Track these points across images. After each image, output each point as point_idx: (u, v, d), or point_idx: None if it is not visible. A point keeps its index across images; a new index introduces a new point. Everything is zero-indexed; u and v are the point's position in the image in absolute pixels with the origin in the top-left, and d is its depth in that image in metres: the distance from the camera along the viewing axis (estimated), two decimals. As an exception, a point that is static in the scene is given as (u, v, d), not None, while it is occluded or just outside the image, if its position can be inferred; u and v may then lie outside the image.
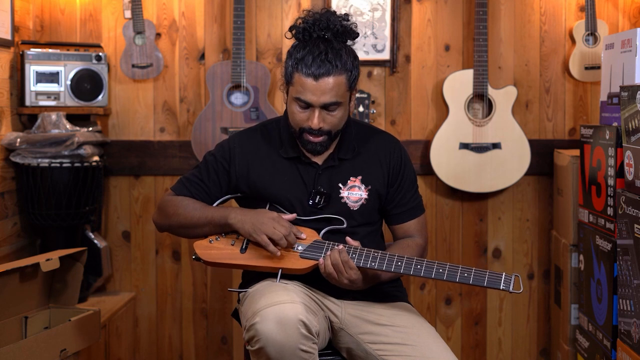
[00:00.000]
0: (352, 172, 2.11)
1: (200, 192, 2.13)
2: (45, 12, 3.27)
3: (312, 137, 2.02)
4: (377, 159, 2.14)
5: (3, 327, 2.38)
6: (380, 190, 2.13)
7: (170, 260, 3.35)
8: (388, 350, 1.97)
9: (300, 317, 1.81)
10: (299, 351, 1.80)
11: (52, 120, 2.99)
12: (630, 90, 2.21)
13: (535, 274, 3.36)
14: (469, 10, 3.28)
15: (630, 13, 3.29)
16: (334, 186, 2.09)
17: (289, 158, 2.10)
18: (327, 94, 1.97)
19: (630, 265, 2.17)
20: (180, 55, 3.30)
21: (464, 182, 3.19)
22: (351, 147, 2.12)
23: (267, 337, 1.79)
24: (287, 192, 2.07)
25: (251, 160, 2.11)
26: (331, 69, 1.96)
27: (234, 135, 2.18)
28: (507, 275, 1.89)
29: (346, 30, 2.04)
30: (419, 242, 2.17)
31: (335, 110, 2.01)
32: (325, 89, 1.97)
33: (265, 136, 2.15)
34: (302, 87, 1.98)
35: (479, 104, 3.21)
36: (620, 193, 2.27)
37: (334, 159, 2.10)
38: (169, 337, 3.37)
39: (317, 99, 1.97)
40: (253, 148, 2.13)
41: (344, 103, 2.02)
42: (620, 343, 2.27)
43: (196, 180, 2.14)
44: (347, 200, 2.09)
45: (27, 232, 3.10)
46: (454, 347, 3.29)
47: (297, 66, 1.99)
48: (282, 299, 1.84)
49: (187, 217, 2.08)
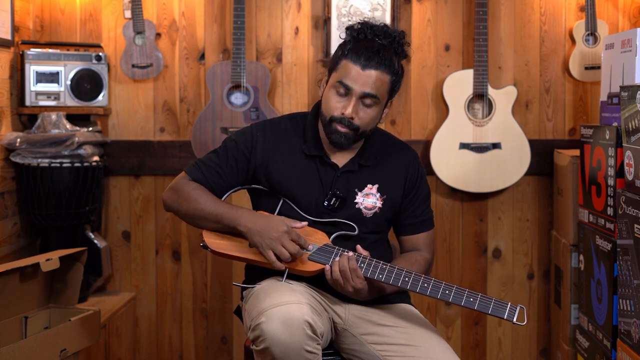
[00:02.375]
0: (370, 179, 2.10)
1: (215, 178, 2.09)
2: (45, 12, 3.27)
3: (341, 127, 2.01)
4: (397, 170, 2.13)
5: (3, 327, 2.38)
6: (395, 201, 2.12)
7: (170, 260, 3.35)
8: (392, 350, 1.97)
9: (306, 317, 1.80)
10: (304, 352, 1.80)
11: (52, 120, 2.99)
12: (630, 90, 2.21)
13: (535, 274, 3.36)
14: (469, 10, 3.28)
15: (630, 13, 3.29)
16: (351, 191, 2.08)
17: (310, 156, 2.09)
18: (369, 85, 1.99)
19: (630, 265, 2.17)
20: (180, 55, 3.30)
21: (464, 182, 3.19)
22: (373, 154, 2.12)
23: (272, 337, 1.79)
24: (303, 190, 2.07)
25: (272, 151, 2.09)
26: (380, 64, 1.99)
27: (257, 124, 2.16)
28: (512, 306, 1.88)
29: (399, 43, 2.06)
30: (427, 257, 2.16)
31: (371, 107, 2.02)
32: (368, 80, 1.99)
33: (289, 129, 2.13)
34: (346, 72, 2.00)
35: (479, 104, 3.21)
36: (620, 193, 2.27)
37: (354, 164, 2.09)
38: (169, 337, 3.37)
39: (359, 86, 1.99)
40: (275, 140, 2.11)
41: (380, 102, 2.03)
42: (620, 343, 2.27)
43: (213, 165, 2.10)
44: (361, 206, 2.08)
45: (27, 232, 3.10)
46: (454, 347, 3.27)
47: (348, 54, 2.01)
48: (288, 300, 1.84)
49: (198, 208, 2.04)
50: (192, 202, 2.05)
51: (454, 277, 3.35)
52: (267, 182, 2.10)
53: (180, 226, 3.34)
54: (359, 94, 1.99)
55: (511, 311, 1.88)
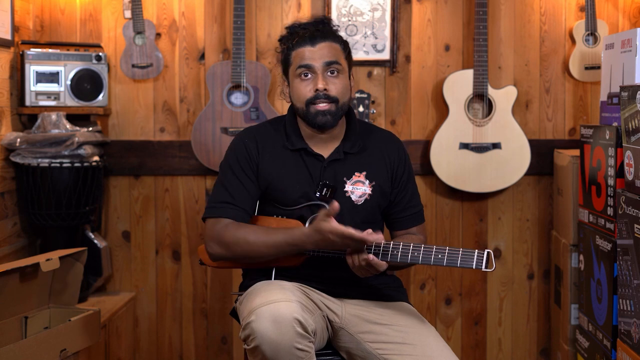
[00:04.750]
0: (357, 167, 2.12)
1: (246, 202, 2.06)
2: (45, 12, 3.27)
3: (321, 105, 2.04)
4: (381, 155, 2.16)
5: (3, 327, 2.38)
6: (384, 187, 2.14)
7: (170, 260, 3.35)
8: (388, 349, 1.97)
9: (295, 315, 1.81)
10: (294, 349, 1.80)
11: (52, 120, 2.99)
12: (630, 90, 2.21)
13: (535, 274, 3.36)
14: (469, 10, 3.28)
15: (630, 13, 3.29)
16: (339, 180, 2.10)
17: (294, 150, 2.11)
18: (326, 55, 2.05)
19: (630, 265, 2.17)
20: (180, 55, 3.30)
21: (464, 182, 3.19)
22: (357, 142, 2.14)
23: (262, 336, 1.79)
24: (293, 183, 2.08)
25: (261, 152, 2.12)
26: (325, 36, 2.07)
27: (239, 133, 2.18)
28: (479, 253, 1.84)
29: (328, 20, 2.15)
30: (422, 239, 2.20)
31: (338, 76, 2.06)
32: (323, 52, 2.05)
33: (270, 130, 2.16)
34: (301, 56, 2.06)
35: (479, 104, 3.21)
36: (620, 193, 2.27)
37: (339, 153, 2.11)
38: (169, 337, 3.37)
39: (318, 60, 2.05)
40: (260, 141, 2.14)
41: (344, 69, 2.08)
42: (620, 343, 2.27)
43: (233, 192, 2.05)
44: (351, 194, 2.10)
45: (27, 232, 3.10)
46: (454, 347, 3.29)
47: (294, 45, 2.08)
48: (277, 298, 1.84)
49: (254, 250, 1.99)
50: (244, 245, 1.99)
51: (454, 277, 3.35)
52: (265, 184, 2.11)
53: (180, 226, 3.34)
54: (321, 67, 2.05)
55: (479, 259, 1.85)
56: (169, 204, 3.33)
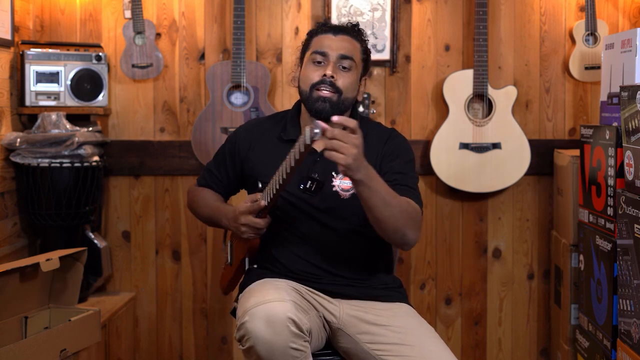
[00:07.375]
0: None
1: (215, 182, 2.29)
2: (45, 12, 3.27)
3: (324, 91, 2.04)
4: (374, 150, 2.12)
5: (3, 327, 2.37)
6: None
7: (170, 260, 3.35)
8: (387, 350, 1.97)
9: (289, 315, 1.80)
10: (289, 349, 1.80)
11: (52, 120, 2.99)
12: (630, 90, 2.21)
13: (535, 274, 3.36)
14: (469, 10, 3.28)
15: (630, 13, 3.29)
16: (328, 174, 2.09)
17: (287, 140, 2.12)
18: (344, 48, 2.07)
19: (630, 265, 2.17)
20: (180, 55, 3.30)
21: (464, 182, 3.19)
22: None
23: (256, 336, 1.79)
24: None
25: (254, 144, 2.18)
26: (350, 32, 2.11)
27: (241, 125, 2.31)
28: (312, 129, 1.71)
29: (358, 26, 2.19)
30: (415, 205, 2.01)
31: (349, 72, 2.08)
32: (342, 43, 2.08)
33: (273, 122, 2.23)
34: (320, 43, 2.10)
35: (479, 104, 3.21)
36: (620, 193, 2.27)
37: None
38: (169, 337, 3.37)
39: (334, 50, 2.07)
40: (258, 133, 2.20)
41: (357, 69, 2.10)
42: (620, 343, 2.27)
43: (212, 169, 2.31)
44: (338, 188, 2.09)
45: (27, 232, 3.10)
46: (454, 347, 3.29)
47: (317, 30, 2.13)
48: (271, 298, 1.84)
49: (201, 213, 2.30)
50: (197, 205, 2.32)
51: (454, 277, 3.35)
52: (251, 174, 2.17)
53: (180, 226, 3.34)
54: (335, 57, 2.07)
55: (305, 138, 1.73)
56: (169, 204, 3.33)
